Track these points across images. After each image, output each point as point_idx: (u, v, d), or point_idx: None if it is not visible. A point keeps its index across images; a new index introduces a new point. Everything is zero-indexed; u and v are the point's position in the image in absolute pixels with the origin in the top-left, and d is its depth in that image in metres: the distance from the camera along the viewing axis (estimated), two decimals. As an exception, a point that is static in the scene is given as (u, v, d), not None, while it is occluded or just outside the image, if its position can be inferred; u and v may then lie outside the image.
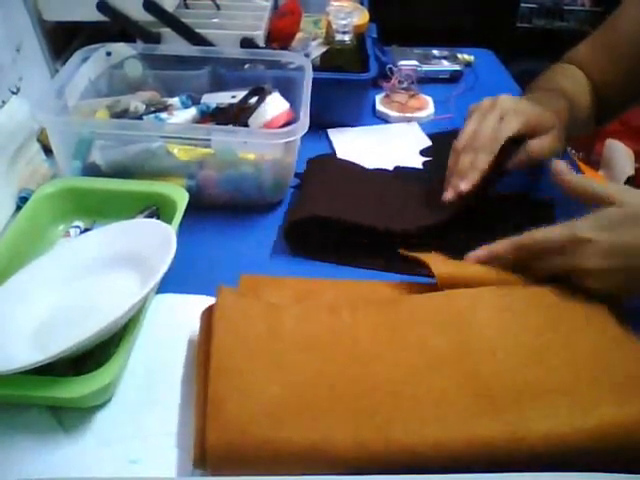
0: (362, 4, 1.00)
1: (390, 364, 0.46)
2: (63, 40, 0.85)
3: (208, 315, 0.49)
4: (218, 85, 0.78)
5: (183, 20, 0.81)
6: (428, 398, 0.43)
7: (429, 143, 0.81)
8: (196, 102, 0.75)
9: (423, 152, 0.79)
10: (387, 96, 0.90)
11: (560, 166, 0.55)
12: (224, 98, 0.75)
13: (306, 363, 0.45)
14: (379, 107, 0.88)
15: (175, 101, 0.74)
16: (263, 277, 0.56)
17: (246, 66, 0.79)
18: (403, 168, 0.75)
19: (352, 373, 0.45)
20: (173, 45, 0.80)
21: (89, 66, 0.73)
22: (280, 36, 0.88)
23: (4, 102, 0.67)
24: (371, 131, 0.83)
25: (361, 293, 0.55)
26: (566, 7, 2.35)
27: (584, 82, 0.77)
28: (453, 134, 0.65)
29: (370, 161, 0.74)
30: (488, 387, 0.43)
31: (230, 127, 0.67)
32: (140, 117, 0.70)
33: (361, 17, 0.92)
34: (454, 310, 0.49)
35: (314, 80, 0.70)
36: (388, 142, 0.81)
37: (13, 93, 0.69)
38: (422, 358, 0.46)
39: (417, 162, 0.77)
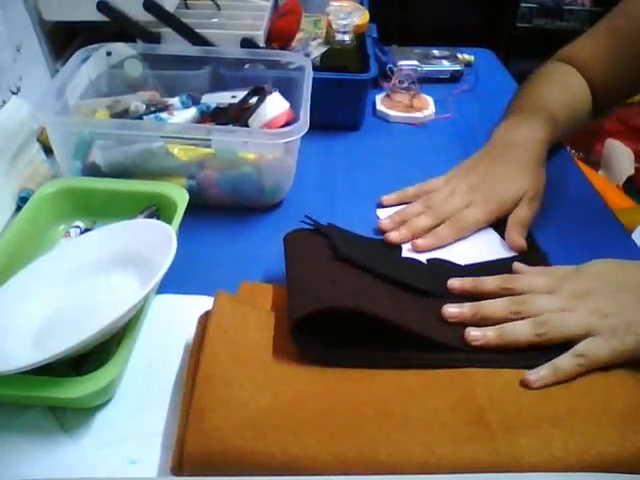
0: (362, 4, 1.00)
1: (385, 383, 0.45)
2: (63, 40, 0.85)
3: (204, 321, 0.49)
4: (218, 85, 0.77)
5: (183, 20, 0.81)
6: (419, 419, 0.42)
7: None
8: (196, 102, 0.75)
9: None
10: (387, 96, 0.90)
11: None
12: (224, 98, 0.75)
13: (296, 377, 0.45)
14: (379, 107, 0.88)
15: (175, 101, 0.74)
16: (263, 285, 0.55)
17: (246, 66, 0.79)
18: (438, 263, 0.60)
19: (343, 389, 0.44)
20: (173, 45, 0.80)
21: (89, 66, 0.73)
22: (280, 36, 0.88)
23: (4, 102, 0.67)
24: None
25: None
26: (566, 7, 2.35)
27: (579, 84, 0.77)
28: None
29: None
30: (482, 410, 0.43)
31: (230, 127, 0.67)
32: (140, 117, 0.70)
33: (361, 17, 0.92)
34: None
35: (314, 80, 0.70)
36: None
37: (13, 93, 0.69)
38: (420, 379, 0.45)
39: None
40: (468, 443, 0.40)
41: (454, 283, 0.53)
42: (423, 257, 0.60)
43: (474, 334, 0.48)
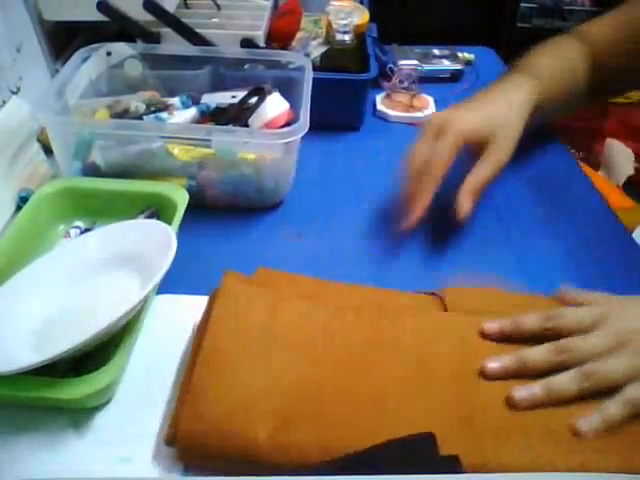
0: (362, 3, 1.00)
1: (381, 375, 0.45)
2: (63, 40, 0.85)
3: (212, 298, 0.50)
4: (218, 85, 0.77)
5: (183, 20, 0.81)
6: (409, 416, 0.42)
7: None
8: (196, 102, 0.75)
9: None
10: (388, 96, 0.90)
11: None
12: (224, 98, 0.75)
13: (295, 364, 0.45)
14: (379, 107, 0.88)
15: (175, 101, 0.74)
16: (279, 273, 0.55)
17: (246, 66, 0.79)
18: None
19: (340, 379, 0.45)
20: (173, 45, 0.80)
21: (89, 66, 0.73)
22: (280, 36, 0.88)
23: (4, 102, 0.67)
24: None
25: (375, 299, 0.54)
26: (566, 7, 2.35)
27: (577, 60, 0.75)
28: None
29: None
30: (473, 411, 0.43)
31: (230, 127, 0.67)
32: (140, 117, 0.70)
33: (361, 17, 0.92)
34: (458, 335, 0.49)
35: (314, 80, 0.70)
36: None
37: (13, 93, 0.69)
38: (416, 374, 0.45)
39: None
40: (454, 442, 0.41)
41: (492, 327, 0.48)
42: None
43: (522, 394, 0.44)
